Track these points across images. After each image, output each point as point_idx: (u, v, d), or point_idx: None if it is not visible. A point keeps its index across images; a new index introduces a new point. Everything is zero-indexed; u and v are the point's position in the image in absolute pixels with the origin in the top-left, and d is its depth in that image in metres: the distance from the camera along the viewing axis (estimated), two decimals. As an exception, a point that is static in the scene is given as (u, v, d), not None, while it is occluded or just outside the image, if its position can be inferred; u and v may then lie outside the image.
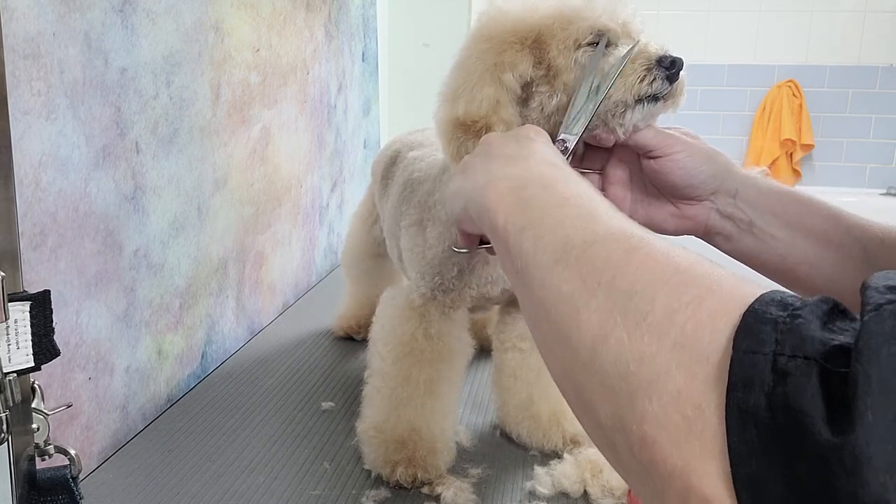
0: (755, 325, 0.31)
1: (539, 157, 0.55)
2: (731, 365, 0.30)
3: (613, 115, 0.65)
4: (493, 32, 0.69)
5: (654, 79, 0.64)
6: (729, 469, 0.29)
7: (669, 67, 0.64)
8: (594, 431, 0.38)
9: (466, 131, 0.67)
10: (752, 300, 0.32)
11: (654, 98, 0.65)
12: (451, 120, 0.68)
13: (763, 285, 0.34)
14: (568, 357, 0.39)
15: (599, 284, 0.38)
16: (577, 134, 0.66)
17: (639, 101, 0.64)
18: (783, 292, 0.33)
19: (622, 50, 0.65)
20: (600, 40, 0.66)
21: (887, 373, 0.26)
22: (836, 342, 0.28)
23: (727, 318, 0.32)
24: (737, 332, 0.31)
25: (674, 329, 0.33)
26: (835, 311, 0.31)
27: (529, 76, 0.68)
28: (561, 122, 0.67)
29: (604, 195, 0.71)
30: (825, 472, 0.26)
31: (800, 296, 0.32)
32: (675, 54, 0.65)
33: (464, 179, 0.58)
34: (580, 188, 0.48)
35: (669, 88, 0.65)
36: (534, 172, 0.52)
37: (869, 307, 0.29)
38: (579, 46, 0.67)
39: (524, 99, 0.69)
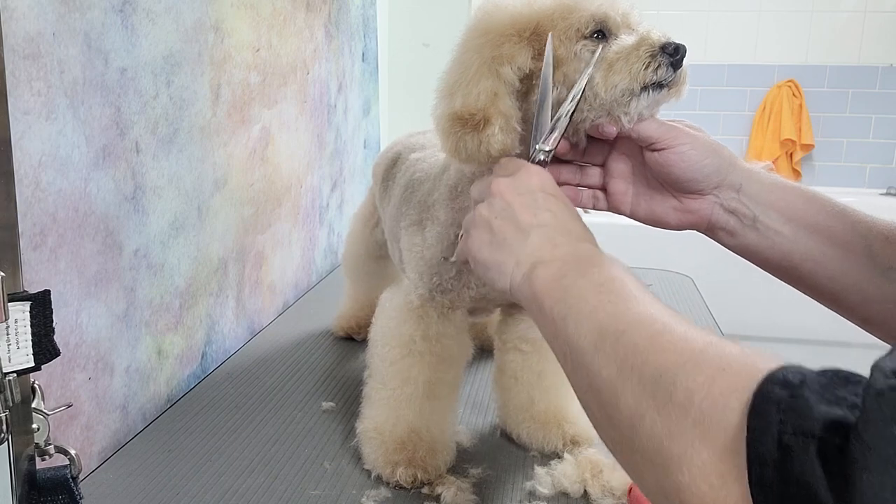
0: (762, 405, 0.35)
1: (564, 226, 0.59)
2: (746, 443, 0.35)
3: (618, 105, 0.64)
4: (490, 26, 0.68)
5: (659, 66, 0.63)
6: None
7: (673, 54, 0.63)
8: (648, 494, 0.43)
9: (464, 125, 0.66)
10: (760, 378, 0.36)
11: (659, 86, 0.64)
12: (448, 114, 0.67)
13: (768, 356, 0.39)
14: (615, 434, 0.45)
15: (632, 370, 0.43)
16: (551, 148, 0.66)
17: (644, 88, 0.64)
18: (787, 370, 0.37)
19: (624, 40, 0.65)
20: (600, 32, 0.66)
21: (884, 452, 0.30)
22: (832, 416, 0.33)
23: (737, 395, 0.37)
24: (749, 412, 0.35)
25: (693, 408, 0.38)
26: (836, 380, 0.35)
27: (528, 68, 0.67)
28: (560, 116, 0.66)
29: (605, 189, 0.71)
30: None
31: (802, 370, 0.36)
32: (677, 41, 0.64)
33: (498, 253, 0.60)
34: (612, 272, 0.52)
35: (674, 76, 0.64)
36: (568, 254, 0.56)
37: (872, 390, 0.32)
38: (581, 37, 0.66)
39: (524, 92, 0.69)
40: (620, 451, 0.45)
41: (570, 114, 0.65)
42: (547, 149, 0.66)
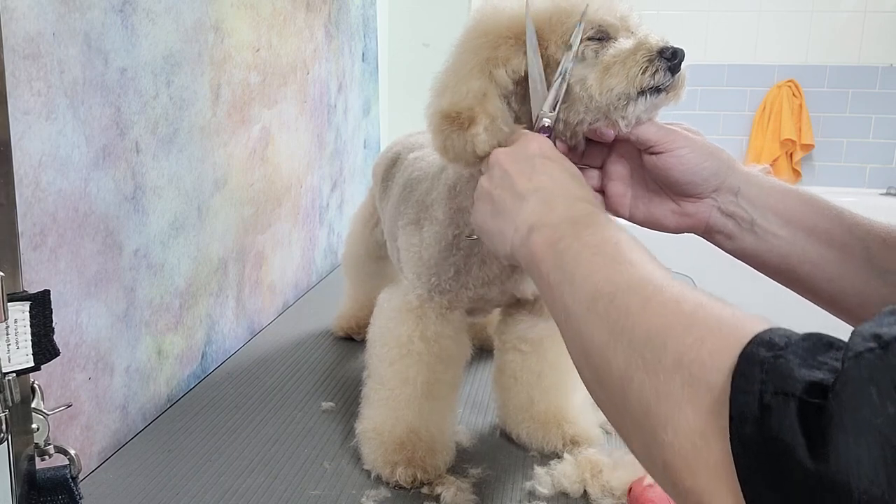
0: (746, 365, 0.36)
1: (561, 188, 0.59)
2: (729, 402, 0.35)
3: (616, 108, 0.64)
4: (487, 28, 0.68)
5: (657, 70, 0.63)
6: (734, 488, 0.35)
7: (671, 58, 0.63)
8: (635, 456, 0.44)
9: (451, 123, 0.66)
10: (747, 340, 0.37)
11: (657, 90, 0.64)
12: (437, 112, 0.68)
13: (758, 319, 0.39)
14: (606, 397, 0.46)
15: (623, 332, 0.44)
16: (553, 111, 0.66)
17: (641, 93, 0.64)
18: (773, 332, 0.37)
19: (622, 43, 0.65)
20: (601, 35, 0.66)
21: (861, 412, 0.31)
22: (812, 378, 0.33)
23: (724, 356, 0.37)
24: (733, 372, 0.36)
25: (682, 369, 0.39)
26: (819, 345, 0.36)
27: (523, 71, 0.67)
28: (563, 121, 0.67)
29: (604, 192, 0.71)
30: (812, 495, 0.31)
31: (788, 333, 0.37)
32: (676, 45, 0.64)
33: (499, 220, 0.61)
34: (606, 233, 0.52)
35: (672, 80, 0.64)
36: (564, 217, 0.56)
37: (850, 353, 0.33)
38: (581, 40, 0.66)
39: (523, 95, 0.69)
40: (611, 414, 0.46)
41: (564, 74, 0.65)
42: (549, 112, 0.66)
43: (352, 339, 1.18)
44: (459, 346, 0.81)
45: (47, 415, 0.57)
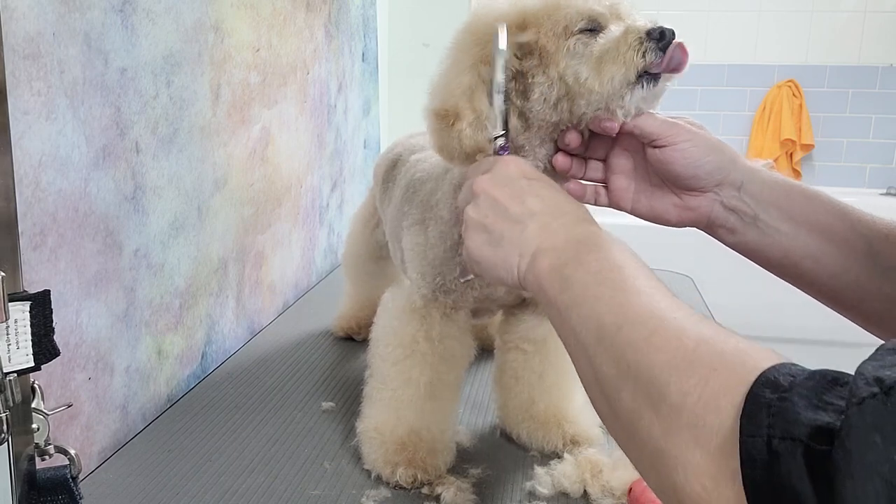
0: (753, 408, 0.36)
1: (556, 208, 0.59)
2: (739, 445, 0.36)
3: (615, 97, 0.64)
4: (477, 26, 0.69)
5: (647, 50, 0.63)
6: None
7: (660, 38, 0.63)
8: (654, 492, 0.44)
9: (441, 121, 0.67)
10: (752, 379, 0.37)
11: (654, 77, 0.64)
12: (430, 111, 0.69)
13: (763, 353, 0.39)
14: (618, 429, 0.46)
15: (629, 368, 0.44)
16: (502, 133, 0.66)
17: (639, 78, 0.64)
18: (778, 370, 0.37)
19: (612, 31, 0.65)
20: (593, 26, 0.66)
21: (866, 459, 0.31)
22: (818, 422, 0.34)
23: (728, 397, 0.38)
24: (741, 415, 0.36)
25: (686, 410, 0.39)
26: (823, 384, 0.36)
27: (514, 67, 0.68)
28: (569, 112, 0.67)
29: (606, 185, 0.71)
30: None
31: (793, 371, 0.37)
32: (664, 25, 0.64)
33: (500, 250, 0.60)
34: (610, 256, 0.53)
35: (662, 58, 0.64)
36: (566, 240, 0.56)
37: (854, 399, 0.33)
38: (571, 34, 0.66)
39: (523, 91, 0.69)
40: (624, 447, 0.46)
41: (500, 88, 0.66)
42: (496, 135, 0.66)
43: (352, 339, 1.18)
44: (463, 346, 0.81)
45: (47, 415, 0.57)
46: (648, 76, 0.64)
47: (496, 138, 0.66)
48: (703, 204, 0.68)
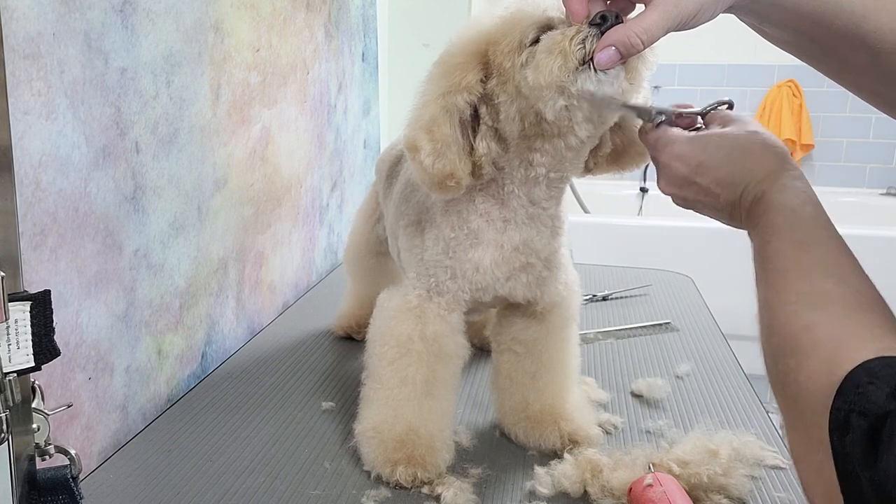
0: (847, 389, 0.44)
1: (723, 204, 0.64)
2: (830, 417, 0.45)
3: (562, 89, 0.65)
4: (444, 56, 0.73)
5: (586, 37, 0.63)
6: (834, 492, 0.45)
7: (601, 23, 0.63)
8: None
9: (409, 153, 0.72)
10: (841, 367, 0.45)
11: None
12: (404, 145, 0.73)
13: (859, 348, 0.46)
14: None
15: (765, 343, 0.54)
16: (659, 110, 0.68)
17: (584, 64, 0.64)
18: (882, 360, 0.44)
19: (556, 31, 0.66)
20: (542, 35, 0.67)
21: None
22: (890, 408, 0.42)
23: (816, 382, 0.47)
24: (836, 394, 0.45)
25: (788, 387, 0.50)
26: None
27: (479, 91, 0.70)
28: (536, 121, 0.69)
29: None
30: (872, 491, 0.41)
31: (891, 363, 0.44)
32: (608, 11, 0.64)
33: (706, 211, 0.67)
34: (778, 244, 0.57)
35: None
36: (750, 224, 0.62)
37: None
38: (524, 48, 0.68)
39: (494, 114, 0.72)
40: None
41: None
42: (657, 108, 0.68)
43: (352, 339, 1.18)
44: (458, 345, 0.81)
45: (48, 415, 0.57)
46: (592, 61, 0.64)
47: (658, 114, 0.68)
48: None
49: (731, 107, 0.69)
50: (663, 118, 0.68)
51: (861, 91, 0.68)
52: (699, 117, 0.69)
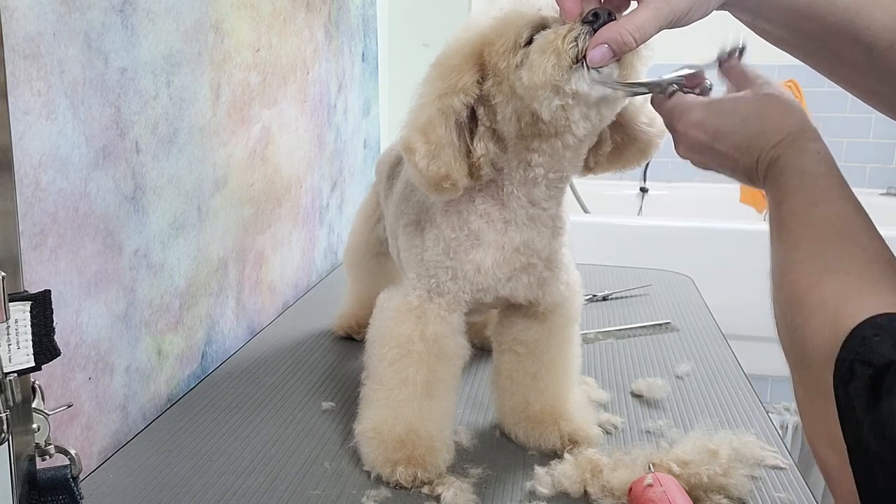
0: (852, 339, 0.46)
1: (741, 168, 0.65)
2: (835, 367, 0.46)
3: (557, 88, 0.65)
4: (441, 58, 0.73)
5: (578, 35, 0.64)
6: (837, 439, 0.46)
7: (593, 21, 0.64)
8: None
9: (406, 155, 0.72)
10: (845, 323, 0.47)
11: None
12: (402, 148, 0.73)
13: (865, 304, 0.48)
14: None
15: (775, 299, 0.57)
16: (671, 79, 0.69)
17: (578, 62, 0.64)
18: (887, 316, 0.46)
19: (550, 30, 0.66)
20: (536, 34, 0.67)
21: None
22: (893, 358, 0.43)
23: (819, 337, 0.49)
24: (842, 346, 0.46)
25: (796, 342, 0.52)
26: None
27: (474, 93, 0.70)
28: (533, 121, 0.69)
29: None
30: (872, 434, 0.43)
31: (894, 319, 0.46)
32: (600, 8, 0.64)
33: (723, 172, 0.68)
34: (791, 204, 0.58)
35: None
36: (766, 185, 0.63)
37: None
38: (519, 48, 0.68)
39: (492, 115, 0.72)
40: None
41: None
42: (668, 80, 0.69)
43: (352, 339, 1.18)
44: (458, 346, 0.81)
45: (48, 415, 0.57)
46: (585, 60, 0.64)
47: (669, 84, 0.69)
48: None
49: (742, 52, 0.70)
50: (675, 88, 0.68)
51: (856, 89, 0.68)
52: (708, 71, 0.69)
